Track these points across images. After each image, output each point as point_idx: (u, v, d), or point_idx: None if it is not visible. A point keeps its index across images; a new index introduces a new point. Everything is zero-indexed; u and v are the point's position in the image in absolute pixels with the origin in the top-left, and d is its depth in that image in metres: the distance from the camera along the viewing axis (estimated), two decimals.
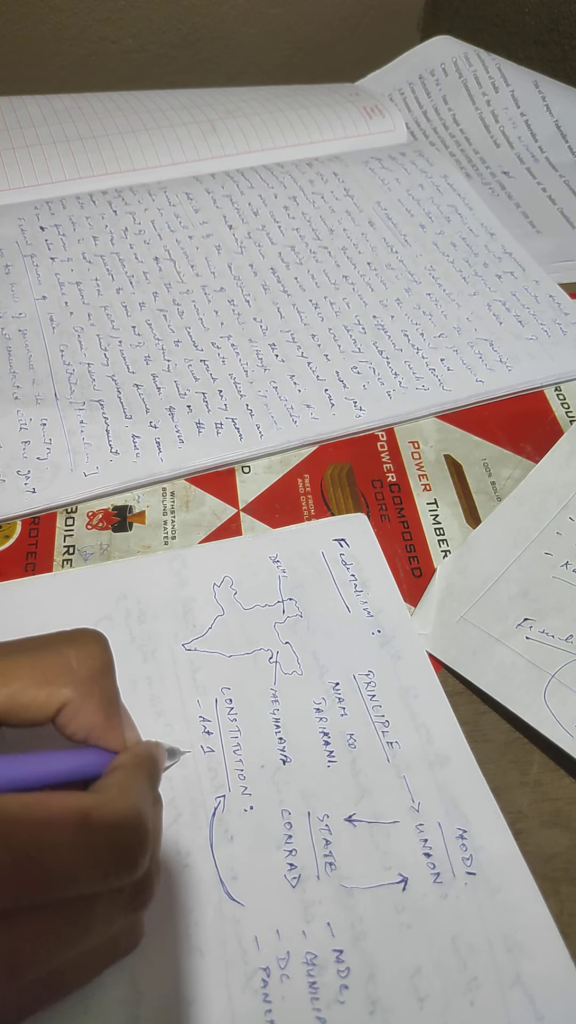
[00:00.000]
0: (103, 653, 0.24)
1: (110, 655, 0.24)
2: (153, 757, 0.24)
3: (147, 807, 0.22)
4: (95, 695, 0.23)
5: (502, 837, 0.28)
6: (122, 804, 0.21)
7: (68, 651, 0.23)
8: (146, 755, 0.24)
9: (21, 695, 0.22)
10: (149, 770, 0.24)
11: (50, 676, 0.23)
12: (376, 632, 0.33)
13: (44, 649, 0.23)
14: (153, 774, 0.24)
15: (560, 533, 0.37)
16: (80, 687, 0.23)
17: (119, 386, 0.42)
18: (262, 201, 0.55)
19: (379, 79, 0.70)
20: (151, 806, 0.22)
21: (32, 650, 0.23)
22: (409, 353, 0.45)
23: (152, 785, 0.23)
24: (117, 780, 0.22)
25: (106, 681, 0.24)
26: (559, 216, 0.56)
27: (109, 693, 0.24)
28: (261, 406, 0.42)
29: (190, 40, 0.79)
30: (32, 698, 0.22)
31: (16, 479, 0.38)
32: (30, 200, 0.54)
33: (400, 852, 0.28)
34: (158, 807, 0.24)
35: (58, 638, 0.24)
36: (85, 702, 0.23)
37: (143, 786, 0.23)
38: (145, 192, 0.55)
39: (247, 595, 0.35)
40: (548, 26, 0.70)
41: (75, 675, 0.23)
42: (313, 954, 0.26)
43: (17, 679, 0.22)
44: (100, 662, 0.24)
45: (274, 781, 0.29)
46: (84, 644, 0.24)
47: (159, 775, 0.24)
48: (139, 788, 0.22)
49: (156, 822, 0.23)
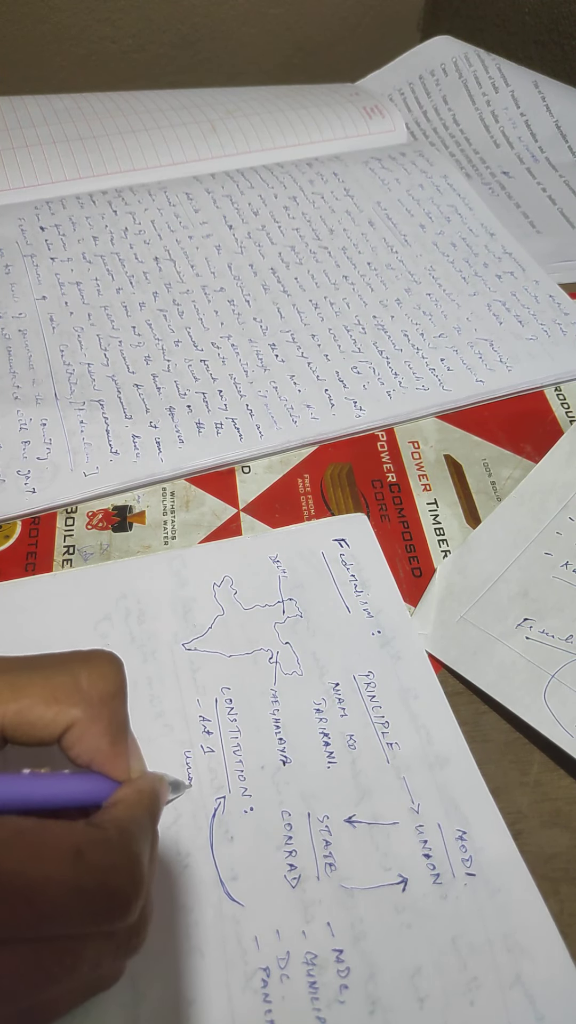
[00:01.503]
0: (116, 676, 0.24)
1: (123, 679, 0.24)
2: (156, 793, 0.23)
3: (144, 850, 0.21)
4: (103, 719, 0.23)
5: (502, 838, 0.28)
6: (118, 844, 0.20)
7: (80, 671, 0.23)
8: (149, 791, 0.23)
9: (29, 711, 0.22)
10: (150, 807, 0.23)
11: (60, 695, 0.22)
12: (376, 632, 0.33)
13: (56, 667, 0.23)
14: (154, 812, 0.23)
15: (560, 533, 0.37)
16: (89, 709, 0.22)
17: (119, 386, 0.42)
18: (262, 201, 0.55)
19: (379, 79, 0.70)
20: (149, 848, 0.22)
21: (44, 668, 0.23)
22: (409, 353, 0.45)
23: (152, 824, 0.23)
24: (116, 817, 0.21)
25: (116, 705, 0.23)
26: (559, 216, 0.56)
27: (118, 718, 0.23)
28: (261, 406, 0.42)
29: (190, 40, 0.79)
30: (40, 715, 0.22)
31: (16, 479, 0.38)
32: (30, 200, 0.54)
33: (400, 853, 0.28)
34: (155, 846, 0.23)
35: (72, 657, 0.24)
36: (92, 725, 0.22)
37: (143, 825, 0.22)
38: (145, 192, 0.55)
39: (247, 595, 0.35)
40: (548, 26, 0.70)
41: (85, 696, 0.22)
42: (313, 954, 0.26)
43: (27, 695, 0.22)
44: (112, 685, 0.23)
45: (274, 782, 0.29)
46: (97, 665, 0.23)
47: (159, 812, 0.24)
48: (138, 828, 0.21)
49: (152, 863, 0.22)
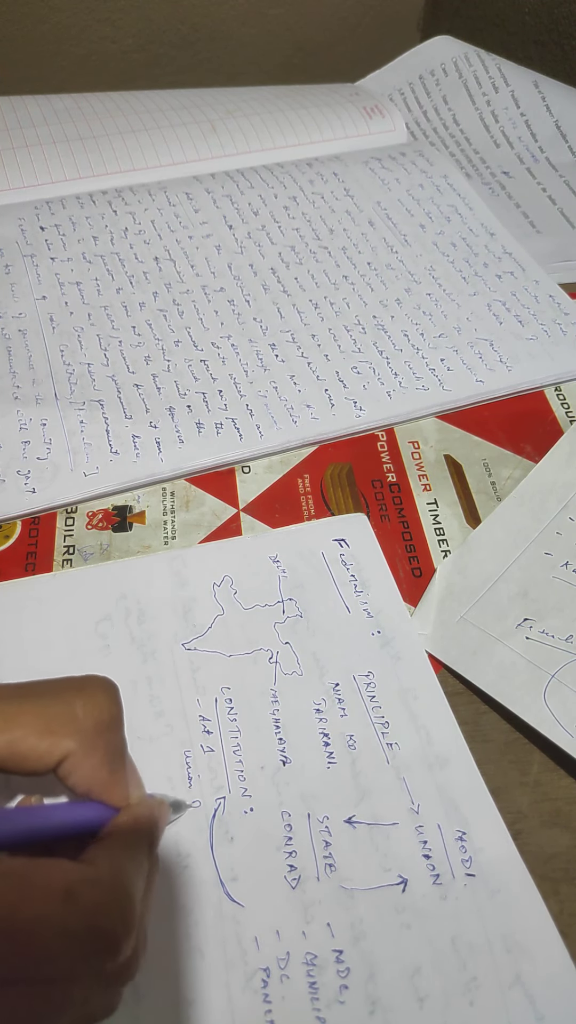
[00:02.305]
0: (111, 704, 0.23)
1: (119, 706, 0.24)
2: (153, 820, 0.23)
3: (138, 882, 0.21)
4: (99, 748, 0.22)
5: (501, 839, 0.28)
6: (109, 881, 0.20)
7: (75, 700, 0.23)
8: (146, 818, 0.23)
9: (22, 743, 0.21)
10: (148, 835, 0.23)
11: (53, 726, 0.22)
12: (376, 633, 0.33)
13: (50, 696, 0.23)
14: (151, 839, 0.23)
15: (560, 533, 0.37)
16: (84, 739, 0.22)
17: (119, 386, 0.42)
18: (262, 201, 0.55)
19: (379, 79, 0.70)
20: (143, 878, 0.21)
21: (37, 696, 0.23)
22: (409, 353, 0.45)
23: (149, 852, 0.22)
24: (109, 850, 0.21)
25: (112, 734, 0.23)
26: (559, 216, 0.56)
27: (114, 747, 0.23)
28: (261, 406, 0.42)
29: (190, 40, 0.79)
30: (33, 747, 0.22)
31: (16, 479, 0.38)
32: (30, 200, 0.54)
33: (400, 854, 0.28)
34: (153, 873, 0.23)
35: (66, 685, 0.23)
36: (88, 755, 0.22)
37: (138, 855, 0.22)
38: (145, 192, 0.55)
39: (247, 595, 0.35)
40: (548, 26, 0.70)
41: (80, 726, 0.22)
42: (313, 954, 0.26)
43: (19, 726, 0.22)
44: (107, 714, 0.23)
45: (274, 782, 0.29)
46: (92, 694, 0.23)
47: (158, 838, 0.23)
48: (132, 859, 0.21)
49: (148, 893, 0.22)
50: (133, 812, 0.23)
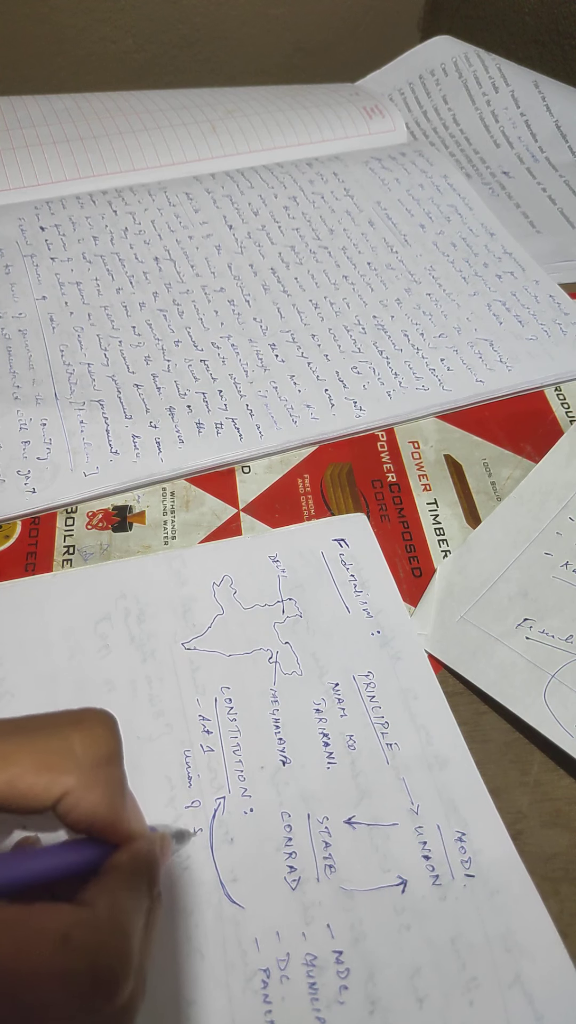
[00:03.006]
0: (110, 738, 0.23)
1: (118, 739, 0.23)
2: (153, 857, 0.23)
3: (137, 922, 0.20)
4: (98, 784, 0.22)
5: (500, 840, 0.28)
6: (107, 923, 0.20)
7: (72, 735, 0.22)
8: (146, 854, 0.22)
9: (20, 781, 0.21)
10: (147, 872, 0.22)
11: (52, 762, 0.21)
12: (376, 633, 0.33)
13: (47, 731, 0.22)
14: (151, 876, 0.22)
15: (560, 533, 0.37)
16: (83, 775, 0.22)
17: (119, 386, 0.42)
18: (262, 201, 0.55)
19: (379, 79, 0.70)
20: (143, 917, 0.21)
21: (34, 731, 0.22)
22: (409, 353, 0.45)
23: (149, 890, 0.22)
24: (108, 890, 0.21)
25: (111, 768, 0.23)
26: (559, 216, 0.56)
27: (114, 781, 0.22)
28: (261, 406, 0.42)
29: (190, 40, 0.79)
30: (31, 785, 0.21)
31: (16, 479, 0.38)
32: (30, 200, 0.54)
33: (399, 855, 0.28)
34: (154, 911, 0.22)
35: (63, 720, 0.23)
36: (88, 792, 0.22)
37: (137, 894, 0.21)
38: (145, 192, 0.55)
39: (247, 595, 0.35)
40: (548, 26, 0.70)
41: (78, 762, 0.22)
42: (313, 955, 0.26)
43: (16, 764, 0.21)
44: (106, 748, 0.22)
45: (274, 782, 0.29)
46: (90, 728, 0.23)
47: (158, 875, 0.23)
48: (131, 899, 0.21)
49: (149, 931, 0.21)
50: (132, 849, 0.22)
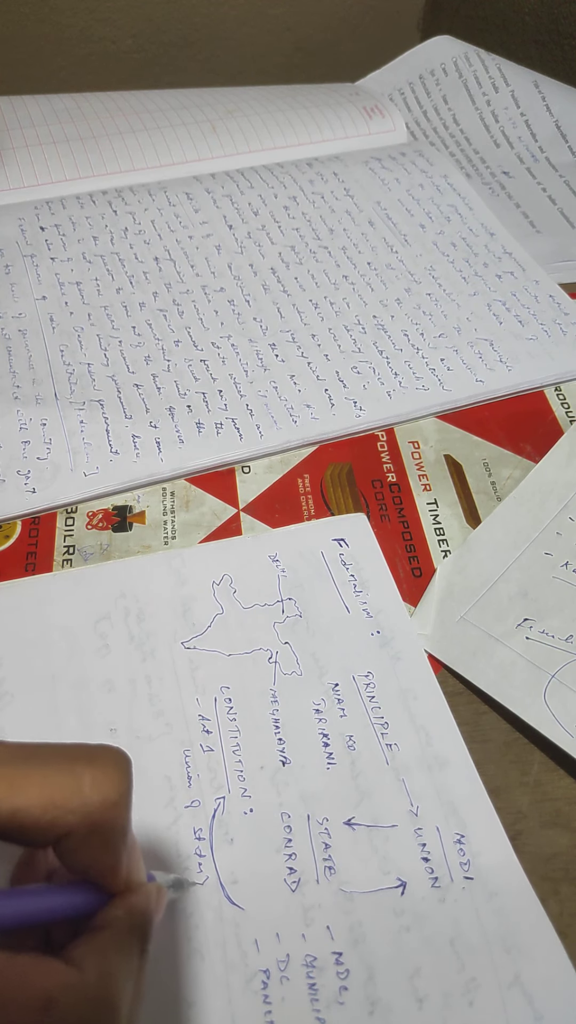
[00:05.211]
0: (122, 780, 0.22)
1: (129, 782, 0.22)
2: (148, 913, 0.22)
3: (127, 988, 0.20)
4: (102, 829, 0.21)
5: (499, 842, 0.28)
6: (95, 991, 0.19)
7: (84, 773, 0.21)
8: (142, 910, 0.22)
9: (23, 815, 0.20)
10: (141, 930, 0.21)
11: (58, 799, 0.20)
12: (375, 633, 0.33)
13: (58, 764, 0.21)
14: (144, 934, 0.21)
15: (560, 533, 0.37)
16: (88, 818, 0.21)
17: (119, 386, 0.42)
18: (262, 201, 0.55)
19: (379, 79, 0.70)
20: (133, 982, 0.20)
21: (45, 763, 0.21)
22: (409, 353, 0.45)
23: (141, 951, 0.21)
24: (99, 951, 0.20)
25: (118, 812, 0.22)
26: (559, 216, 0.56)
27: (119, 827, 0.22)
28: (261, 406, 0.42)
29: (190, 40, 0.79)
30: (34, 821, 0.20)
31: (16, 479, 0.38)
32: (30, 200, 0.54)
33: (399, 856, 0.28)
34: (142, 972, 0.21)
35: (76, 754, 0.22)
36: (90, 836, 0.21)
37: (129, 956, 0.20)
38: (145, 192, 0.55)
39: (246, 594, 0.34)
40: (548, 26, 0.70)
41: (85, 803, 0.21)
42: (313, 956, 0.26)
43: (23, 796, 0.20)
44: (116, 792, 0.21)
45: (274, 783, 0.29)
46: (103, 767, 0.22)
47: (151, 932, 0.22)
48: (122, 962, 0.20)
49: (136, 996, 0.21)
50: (128, 903, 0.22)
